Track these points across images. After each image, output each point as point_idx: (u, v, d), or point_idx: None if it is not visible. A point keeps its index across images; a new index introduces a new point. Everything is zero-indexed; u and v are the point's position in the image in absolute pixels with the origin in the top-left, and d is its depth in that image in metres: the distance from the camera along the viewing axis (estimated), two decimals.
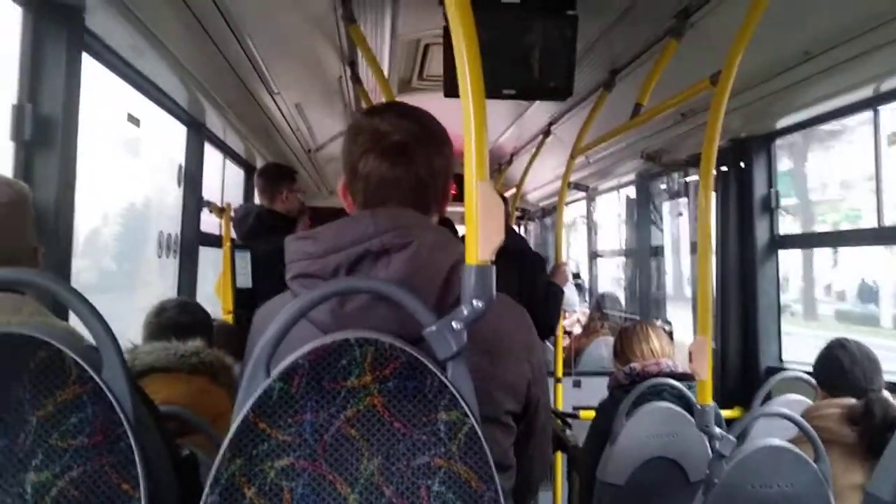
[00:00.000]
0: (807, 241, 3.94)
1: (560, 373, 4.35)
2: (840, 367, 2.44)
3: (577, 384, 4.62)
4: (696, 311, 3.89)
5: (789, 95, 2.91)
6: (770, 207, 3.75)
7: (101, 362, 1.06)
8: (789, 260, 5.15)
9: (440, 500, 1.02)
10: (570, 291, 5.61)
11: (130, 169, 3.56)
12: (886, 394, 2.36)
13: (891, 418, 2.23)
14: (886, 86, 2.74)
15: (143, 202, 3.91)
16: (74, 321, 1.32)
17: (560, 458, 4.01)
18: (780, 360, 3.76)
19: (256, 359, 1.05)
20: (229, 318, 3.53)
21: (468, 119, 1.05)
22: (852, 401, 2.34)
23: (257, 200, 4.68)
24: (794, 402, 2.85)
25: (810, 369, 2.70)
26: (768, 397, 3.31)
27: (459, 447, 1.03)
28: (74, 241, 2.21)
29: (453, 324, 1.05)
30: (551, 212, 7.55)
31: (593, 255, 6.97)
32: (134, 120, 2.90)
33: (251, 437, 1.01)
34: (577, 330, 5.82)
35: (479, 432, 1.03)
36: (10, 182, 1.58)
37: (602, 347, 5.12)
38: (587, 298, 7.00)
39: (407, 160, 1.32)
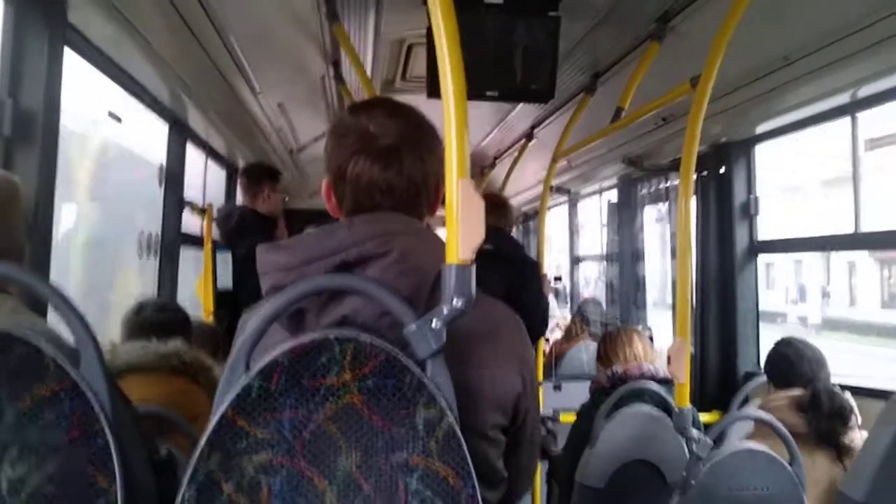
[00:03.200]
0: (785, 246, 3.97)
1: (541, 377, 4.37)
2: (788, 363, 2.59)
3: (557, 388, 4.63)
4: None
5: (769, 100, 2.93)
6: (749, 213, 3.78)
7: (79, 359, 1.06)
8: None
9: (418, 497, 1.02)
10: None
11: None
12: (839, 389, 2.43)
13: (838, 406, 2.33)
14: (864, 92, 2.77)
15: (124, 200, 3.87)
16: (53, 322, 1.31)
17: (539, 464, 4.02)
18: (758, 365, 3.79)
19: (235, 356, 1.04)
20: (210, 320, 3.51)
21: (449, 117, 1.05)
22: (798, 391, 2.46)
23: (240, 200, 4.66)
24: None
25: None
26: (745, 401, 3.34)
27: (437, 444, 1.03)
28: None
29: (433, 322, 1.05)
30: (533, 216, 7.56)
31: (575, 260, 6.99)
32: (115, 117, 2.88)
33: (229, 434, 1.01)
34: (558, 335, 5.84)
35: (458, 430, 1.03)
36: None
37: (583, 352, 5.13)
38: (567, 303, 7.02)
39: (398, 163, 1.28)
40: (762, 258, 3.84)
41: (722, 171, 3.81)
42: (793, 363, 2.57)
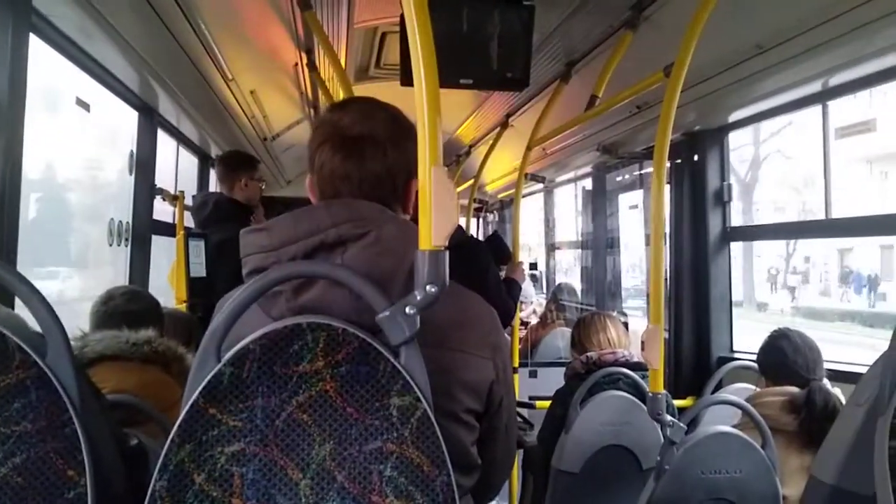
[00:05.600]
0: (757, 233, 4.02)
1: (516, 363, 4.38)
2: (783, 356, 2.51)
3: (533, 374, 4.65)
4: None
5: (741, 89, 2.95)
6: (722, 200, 3.81)
7: (45, 347, 1.04)
8: None
9: (392, 484, 1.02)
10: (525, 283, 5.63)
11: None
12: (827, 382, 2.43)
13: (831, 407, 2.29)
14: (835, 81, 2.80)
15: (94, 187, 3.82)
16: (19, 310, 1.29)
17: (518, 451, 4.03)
18: (732, 350, 3.83)
19: (206, 344, 1.03)
20: (183, 308, 3.48)
21: (421, 105, 1.05)
22: (794, 389, 2.40)
23: (213, 188, 4.62)
24: (742, 391, 2.90)
25: None
26: (719, 386, 3.37)
27: (412, 432, 1.03)
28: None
29: (406, 309, 1.05)
30: (509, 204, 7.57)
31: (550, 247, 7.02)
32: (83, 104, 2.83)
33: (201, 423, 1.00)
34: (534, 321, 5.87)
35: (432, 417, 1.03)
36: None
37: (558, 338, 5.16)
38: (543, 290, 7.05)
39: (359, 155, 1.32)
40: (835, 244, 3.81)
41: (696, 158, 3.84)
42: (788, 357, 2.49)
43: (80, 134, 3.23)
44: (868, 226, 3.11)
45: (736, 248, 3.88)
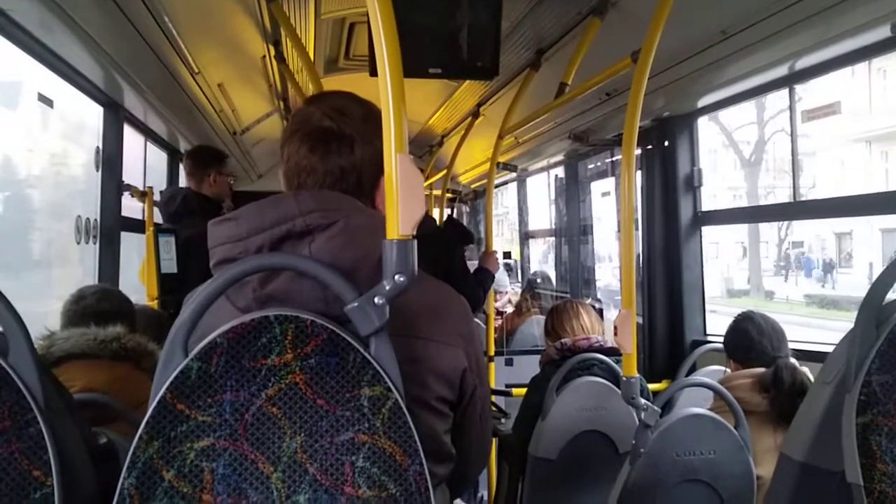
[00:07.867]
0: (728, 217, 4.05)
1: (492, 351, 4.39)
2: (748, 339, 2.55)
3: (509, 362, 4.67)
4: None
5: (708, 74, 2.96)
6: (693, 185, 3.83)
7: (7, 346, 1.02)
8: None
9: (364, 475, 1.01)
10: (499, 273, 5.65)
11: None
12: (794, 360, 2.46)
13: (799, 383, 2.34)
14: (801, 64, 2.82)
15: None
16: None
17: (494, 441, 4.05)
18: (705, 334, 3.86)
19: (173, 339, 1.03)
20: (154, 305, 3.44)
21: (386, 92, 1.04)
22: (762, 370, 2.43)
23: (182, 183, 4.58)
24: (715, 373, 2.94)
25: None
26: (693, 369, 3.40)
27: (383, 422, 1.03)
28: None
29: (375, 299, 1.04)
30: (483, 194, 7.57)
31: (524, 236, 7.04)
32: (46, 100, 2.78)
33: (169, 419, 0.99)
34: (510, 310, 5.89)
35: (404, 407, 1.03)
36: None
37: (534, 326, 5.19)
38: (519, 279, 7.07)
39: (325, 149, 1.31)
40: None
41: (666, 144, 3.85)
42: (753, 339, 2.54)
43: (42, 129, 3.17)
44: (833, 208, 3.14)
45: (741, 235, 3.92)
